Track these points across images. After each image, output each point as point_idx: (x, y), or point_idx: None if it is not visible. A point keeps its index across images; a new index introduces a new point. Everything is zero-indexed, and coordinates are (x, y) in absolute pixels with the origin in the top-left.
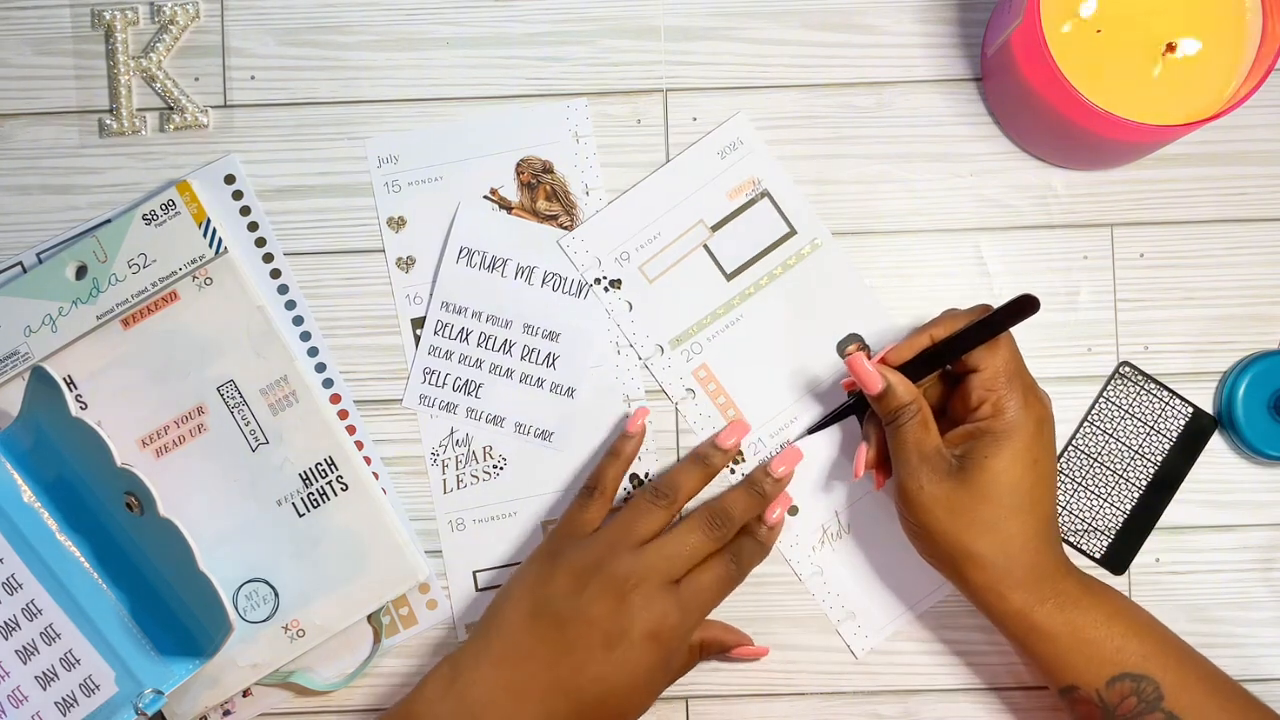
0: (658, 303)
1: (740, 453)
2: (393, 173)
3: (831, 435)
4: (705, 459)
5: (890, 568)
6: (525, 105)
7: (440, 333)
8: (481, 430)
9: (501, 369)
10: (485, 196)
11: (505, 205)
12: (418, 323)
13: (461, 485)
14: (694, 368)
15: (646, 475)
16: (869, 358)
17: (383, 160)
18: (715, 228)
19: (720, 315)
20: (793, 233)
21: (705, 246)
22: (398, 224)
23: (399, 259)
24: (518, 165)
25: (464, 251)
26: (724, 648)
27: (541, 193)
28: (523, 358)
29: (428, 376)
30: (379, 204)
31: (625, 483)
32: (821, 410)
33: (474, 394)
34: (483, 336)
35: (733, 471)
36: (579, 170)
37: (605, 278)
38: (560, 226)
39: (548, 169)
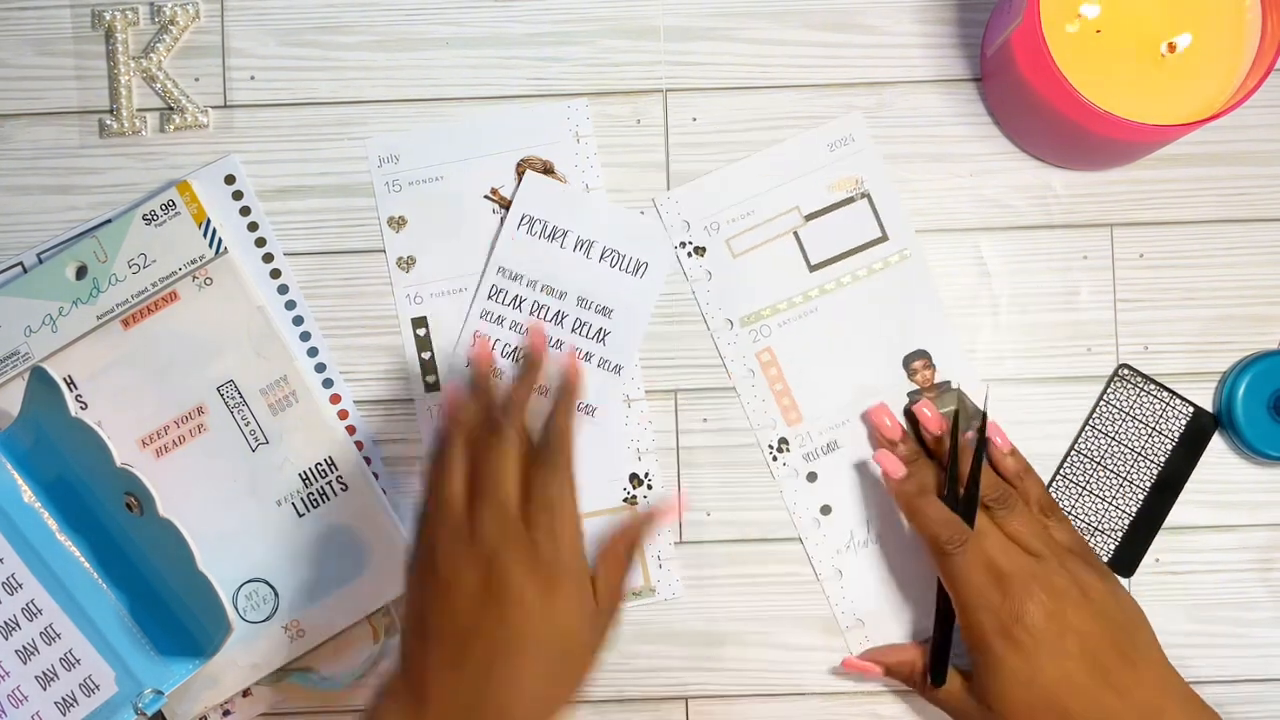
0: (737, 278)
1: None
2: (393, 172)
3: (869, 442)
4: (473, 382)
5: (909, 585)
6: (525, 105)
7: (494, 297)
8: None
9: (551, 340)
10: (486, 196)
11: (505, 205)
12: (418, 322)
13: None
14: (759, 349)
15: (647, 475)
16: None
17: (383, 160)
18: (809, 217)
19: (796, 304)
20: (884, 238)
21: (795, 234)
22: (398, 224)
23: (399, 259)
24: (518, 165)
25: (525, 219)
26: (631, 541)
27: None
28: (574, 330)
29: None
30: (379, 204)
31: (626, 484)
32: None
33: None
34: (536, 305)
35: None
36: (579, 170)
37: (691, 243)
38: None
39: (548, 169)
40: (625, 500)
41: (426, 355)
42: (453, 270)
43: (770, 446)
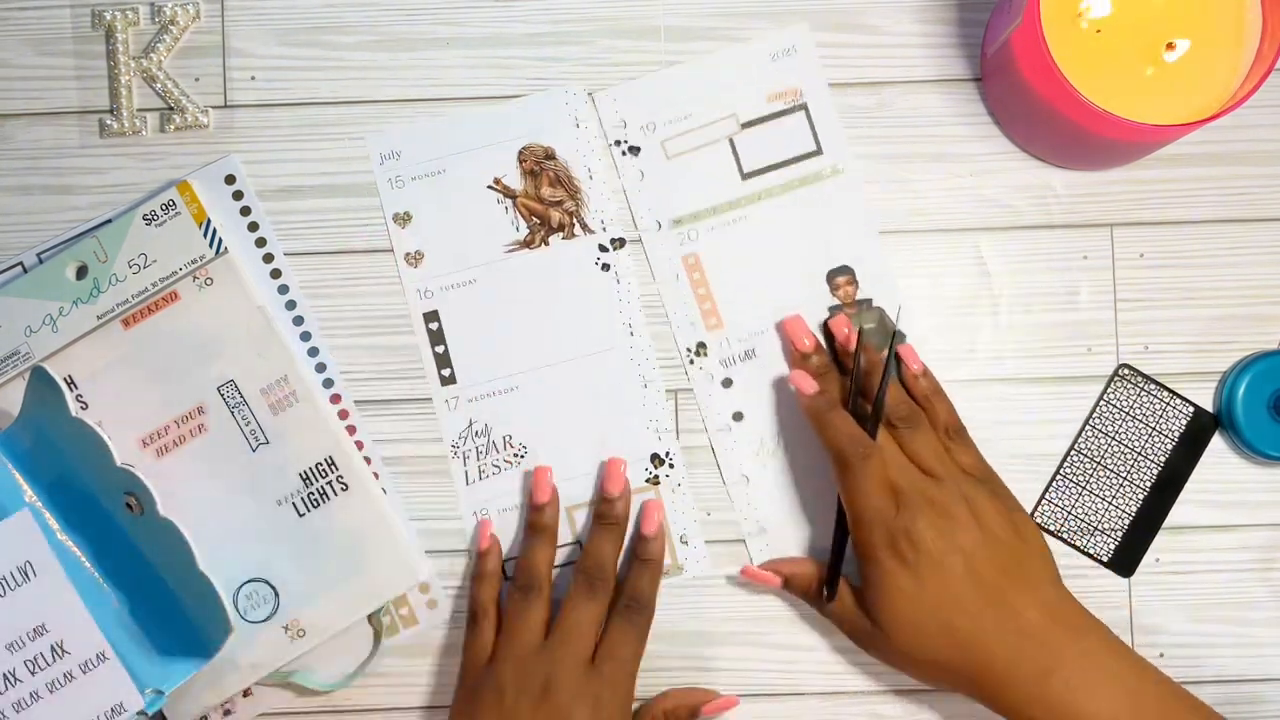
0: (668, 180)
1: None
2: (395, 169)
3: (784, 353)
4: (535, 527)
5: (812, 497)
6: (524, 98)
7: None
8: (500, 418)
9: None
10: (489, 186)
11: (510, 194)
12: (430, 317)
13: (484, 476)
14: (685, 254)
15: (668, 454)
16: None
17: (385, 156)
18: (745, 125)
19: (724, 211)
20: (818, 152)
21: (730, 140)
22: (404, 219)
23: (407, 254)
24: (520, 154)
25: None
26: (692, 712)
27: (545, 180)
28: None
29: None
30: (384, 200)
31: (648, 464)
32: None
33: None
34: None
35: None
36: (580, 155)
37: (625, 141)
38: (566, 212)
39: (550, 155)
40: (648, 480)
41: (440, 349)
42: (461, 263)
43: (688, 349)
